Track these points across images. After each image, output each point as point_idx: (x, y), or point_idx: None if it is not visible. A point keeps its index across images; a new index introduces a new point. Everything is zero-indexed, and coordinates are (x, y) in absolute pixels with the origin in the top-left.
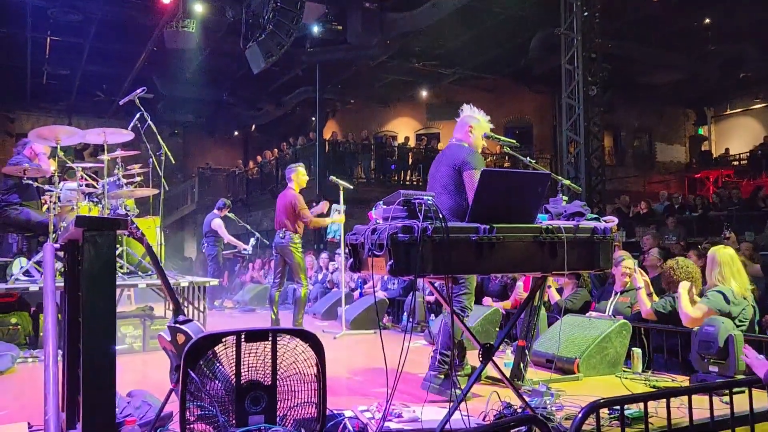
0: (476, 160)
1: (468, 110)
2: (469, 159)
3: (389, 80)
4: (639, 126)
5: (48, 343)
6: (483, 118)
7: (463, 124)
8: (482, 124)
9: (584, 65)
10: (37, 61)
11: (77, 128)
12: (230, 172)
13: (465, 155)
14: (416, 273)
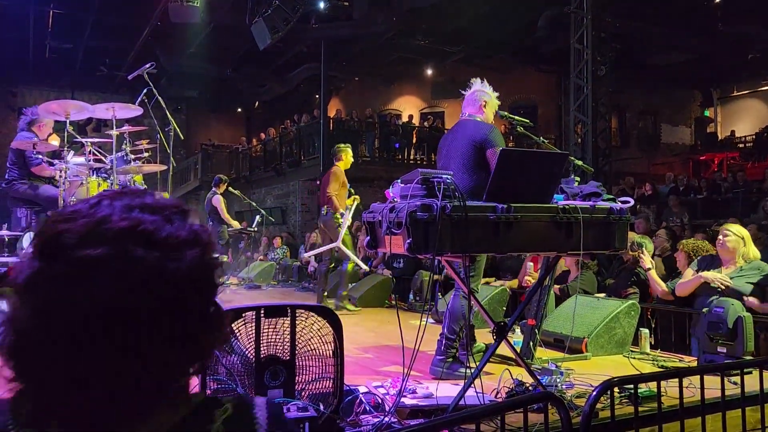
0: (499, 138)
1: (479, 84)
2: (491, 137)
3: (394, 58)
4: (644, 107)
5: None
6: (493, 95)
7: (476, 99)
8: (493, 101)
9: (593, 45)
10: (40, 35)
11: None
12: (233, 148)
13: (487, 132)
14: (434, 251)
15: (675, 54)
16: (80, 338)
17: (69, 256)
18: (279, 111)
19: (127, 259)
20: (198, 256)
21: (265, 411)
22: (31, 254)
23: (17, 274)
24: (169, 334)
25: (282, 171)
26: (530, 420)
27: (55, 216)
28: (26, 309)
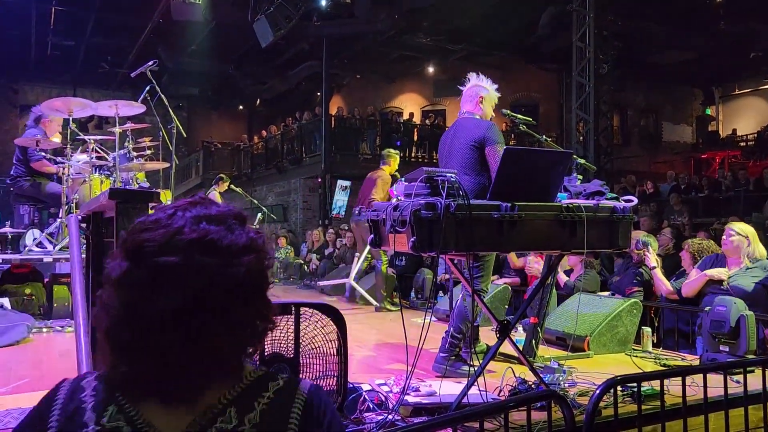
0: (498, 135)
1: (475, 79)
2: (489, 134)
3: (396, 55)
4: (646, 105)
5: (78, 314)
6: (491, 88)
7: (473, 95)
8: (491, 95)
9: (596, 43)
10: (42, 32)
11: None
12: (235, 146)
13: (485, 130)
14: (438, 250)
15: (676, 52)
16: (160, 325)
17: (150, 262)
18: (281, 108)
19: (196, 265)
20: (254, 260)
21: (308, 386)
22: (120, 255)
23: (111, 270)
24: (229, 322)
25: (283, 168)
26: (533, 418)
27: (139, 225)
28: (117, 300)
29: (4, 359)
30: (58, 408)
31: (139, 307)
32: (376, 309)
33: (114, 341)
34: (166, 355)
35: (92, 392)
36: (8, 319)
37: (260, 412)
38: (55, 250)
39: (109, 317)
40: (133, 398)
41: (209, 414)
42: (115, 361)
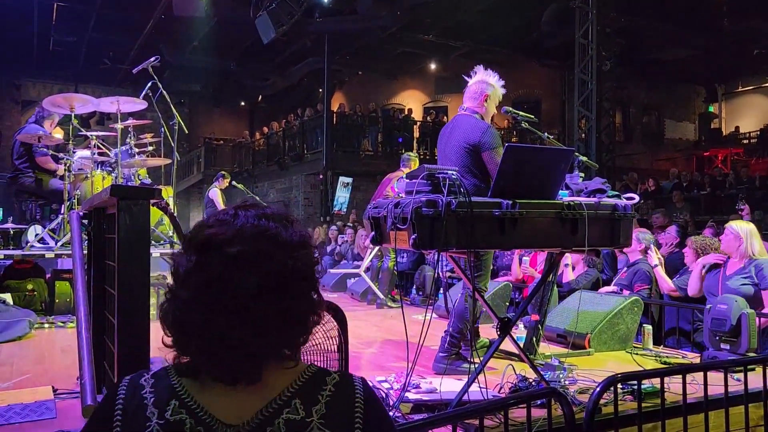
0: (494, 138)
1: (482, 73)
2: (485, 138)
3: (398, 52)
4: (648, 102)
5: (80, 310)
6: (497, 85)
7: (478, 93)
8: (496, 92)
9: (598, 40)
10: (44, 27)
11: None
12: (236, 142)
13: (480, 134)
14: (440, 247)
15: (679, 49)
16: (227, 312)
17: (220, 253)
18: (282, 105)
19: (263, 253)
20: (307, 255)
21: (360, 381)
22: (186, 252)
23: (178, 266)
24: (287, 311)
25: (285, 165)
26: (533, 415)
27: (202, 224)
28: (186, 292)
29: (6, 355)
30: (121, 406)
31: (208, 296)
32: (378, 306)
33: (182, 331)
34: (231, 340)
35: (151, 389)
36: (10, 314)
37: (325, 404)
38: (57, 246)
39: (177, 309)
40: (195, 391)
41: (274, 405)
42: (182, 351)
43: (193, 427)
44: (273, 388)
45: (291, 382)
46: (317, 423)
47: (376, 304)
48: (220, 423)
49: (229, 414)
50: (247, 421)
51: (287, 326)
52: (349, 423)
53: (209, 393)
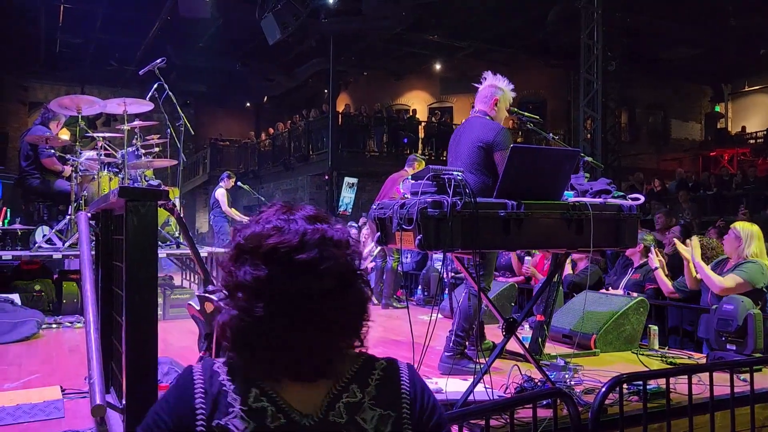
0: (507, 140)
1: (492, 79)
2: (499, 138)
3: (403, 53)
4: (654, 102)
5: (88, 311)
6: (507, 89)
7: (489, 96)
8: (506, 96)
9: (604, 40)
10: (51, 29)
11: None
12: (242, 143)
13: (494, 134)
14: (445, 248)
15: (685, 49)
16: (302, 316)
17: (291, 262)
18: (288, 106)
19: (326, 257)
20: (356, 249)
21: (405, 365)
22: (251, 262)
23: (244, 275)
24: (354, 306)
25: (290, 166)
26: (539, 415)
27: (259, 234)
28: (257, 300)
29: (14, 354)
30: (200, 391)
31: (283, 304)
32: (383, 306)
33: (242, 334)
34: (308, 342)
35: (227, 377)
36: (19, 315)
37: (375, 386)
38: (64, 246)
39: (247, 317)
40: (271, 381)
41: (335, 390)
42: (238, 352)
43: (274, 414)
44: (336, 376)
45: (347, 371)
46: (368, 403)
47: (382, 305)
48: (296, 411)
49: (301, 402)
50: (318, 408)
51: (355, 318)
52: (397, 401)
53: (283, 382)
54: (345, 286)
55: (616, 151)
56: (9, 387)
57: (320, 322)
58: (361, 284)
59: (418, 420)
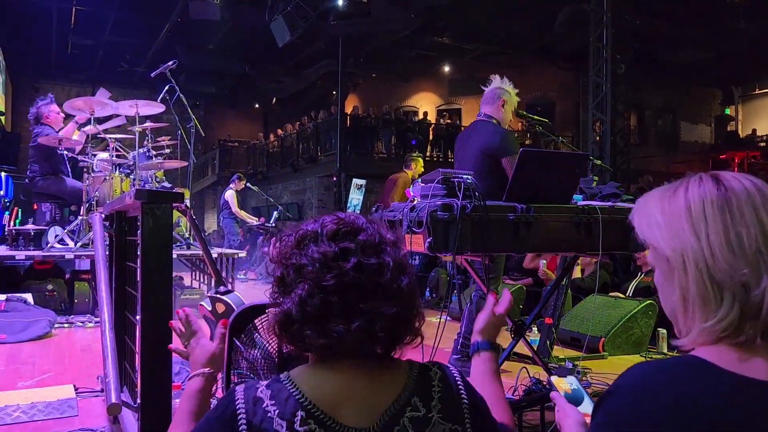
0: (513, 144)
1: (498, 81)
2: (504, 144)
3: (412, 55)
4: (663, 105)
5: (103, 311)
6: (513, 92)
7: (494, 98)
8: (513, 99)
9: (613, 43)
10: (62, 31)
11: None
12: (251, 144)
13: (499, 139)
14: (455, 251)
15: (695, 51)
16: (369, 290)
17: (355, 241)
18: (296, 107)
19: (384, 241)
20: (408, 253)
21: (457, 371)
22: (318, 243)
23: (312, 253)
24: (411, 291)
25: (299, 167)
26: (547, 418)
27: (322, 222)
28: (324, 271)
29: (28, 353)
30: (244, 420)
31: (348, 274)
32: None
33: (325, 318)
34: (370, 309)
35: (271, 401)
36: (32, 314)
37: (438, 399)
38: (76, 246)
39: (318, 290)
40: (318, 400)
41: (397, 405)
42: (315, 340)
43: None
44: (391, 389)
45: (405, 382)
46: (437, 417)
47: None
48: (348, 428)
49: (355, 418)
50: (375, 423)
51: (412, 304)
52: (459, 411)
53: (333, 398)
54: (403, 270)
55: (625, 153)
56: (23, 385)
57: (384, 299)
58: (414, 281)
59: (481, 429)
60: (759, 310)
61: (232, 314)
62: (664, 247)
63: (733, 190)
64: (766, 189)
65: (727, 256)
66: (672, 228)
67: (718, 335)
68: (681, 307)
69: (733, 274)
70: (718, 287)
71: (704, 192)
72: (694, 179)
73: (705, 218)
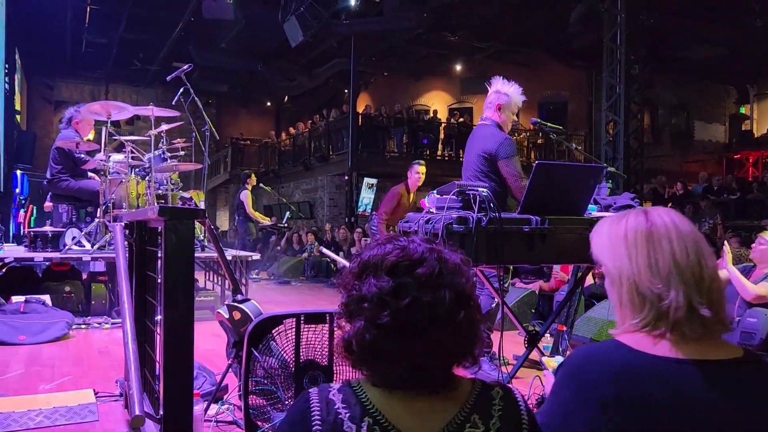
0: (509, 148)
1: (497, 84)
2: (501, 148)
3: (423, 53)
4: (677, 103)
5: (125, 322)
6: (514, 93)
7: (493, 102)
8: (513, 100)
9: (627, 44)
10: (77, 30)
11: (114, 99)
12: (263, 143)
13: (497, 144)
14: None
15: (709, 48)
16: (425, 327)
17: (413, 275)
18: (308, 106)
19: (445, 272)
20: (469, 273)
21: (521, 396)
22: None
23: (369, 288)
24: (470, 321)
25: (310, 166)
26: None
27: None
28: (386, 314)
29: (47, 356)
30: (318, 419)
31: (408, 315)
32: None
33: (381, 353)
34: (423, 347)
35: (343, 404)
36: (50, 315)
37: (498, 417)
38: (93, 248)
39: (373, 327)
40: (385, 409)
41: (457, 420)
42: (374, 370)
43: None
44: (453, 404)
45: (466, 398)
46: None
47: None
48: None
49: (417, 430)
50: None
51: (470, 334)
52: (519, 425)
53: (397, 409)
54: (460, 305)
55: (639, 155)
56: (44, 389)
57: (440, 333)
58: (474, 309)
59: None
60: (668, 313)
61: (248, 324)
62: (608, 264)
63: (656, 225)
64: (684, 225)
65: (648, 275)
66: (613, 250)
67: (640, 329)
68: (618, 308)
69: (652, 288)
70: (641, 297)
71: (637, 224)
72: (634, 212)
73: (635, 245)
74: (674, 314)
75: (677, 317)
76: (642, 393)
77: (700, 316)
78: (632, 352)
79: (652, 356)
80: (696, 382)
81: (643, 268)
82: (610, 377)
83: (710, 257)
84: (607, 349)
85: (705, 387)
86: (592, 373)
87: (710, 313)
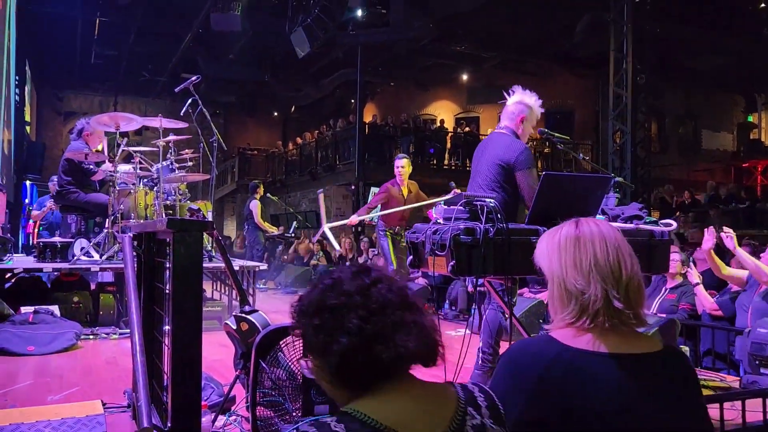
0: (528, 159)
1: (520, 94)
2: (520, 158)
3: (430, 63)
4: (684, 112)
5: (134, 335)
6: (535, 105)
7: (516, 113)
8: (534, 112)
9: (633, 53)
10: (86, 42)
11: (123, 110)
12: (270, 152)
13: (517, 154)
14: (478, 274)
15: (717, 57)
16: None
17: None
18: (315, 115)
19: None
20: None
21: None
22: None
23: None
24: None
25: (317, 175)
26: None
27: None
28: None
29: (55, 366)
30: None
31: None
32: None
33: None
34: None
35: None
36: (59, 326)
37: (486, 407)
38: (102, 259)
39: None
40: (383, 418)
41: (458, 415)
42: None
43: None
44: (448, 403)
45: (457, 396)
46: (489, 423)
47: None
48: None
49: (427, 428)
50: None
51: (426, 329)
52: (500, 416)
53: (400, 419)
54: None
55: (646, 164)
56: (52, 400)
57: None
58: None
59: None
60: (588, 306)
61: (256, 335)
62: (544, 267)
63: (583, 232)
64: (609, 232)
65: (573, 273)
66: (548, 255)
67: (567, 322)
68: (551, 305)
69: (576, 285)
70: (568, 293)
71: (568, 232)
72: (569, 223)
73: (566, 249)
74: (593, 306)
75: (596, 309)
76: (562, 384)
77: (615, 308)
78: (559, 345)
79: (576, 349)
80: (611, 374)
81: (569, 267)
82: (537, 369)
83: (631, 259)
84: (538, 342)
85: (620, 379)
86: (521, 365)
87: (623, 306)
